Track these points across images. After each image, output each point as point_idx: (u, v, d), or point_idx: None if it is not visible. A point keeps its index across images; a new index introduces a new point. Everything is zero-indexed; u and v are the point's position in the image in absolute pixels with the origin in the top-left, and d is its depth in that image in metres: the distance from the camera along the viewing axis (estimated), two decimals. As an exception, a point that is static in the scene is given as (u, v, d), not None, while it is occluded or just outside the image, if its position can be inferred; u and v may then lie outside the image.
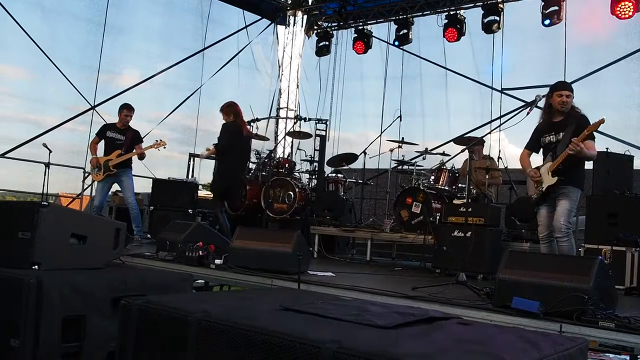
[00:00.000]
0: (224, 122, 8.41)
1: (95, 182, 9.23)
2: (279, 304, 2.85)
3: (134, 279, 4.00)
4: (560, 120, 6.02)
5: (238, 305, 2.92)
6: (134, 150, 8.99)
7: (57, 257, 3.94)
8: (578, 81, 10.65)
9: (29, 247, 3.80)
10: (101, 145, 9.22)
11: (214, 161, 9.07)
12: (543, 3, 10.84)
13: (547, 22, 10.82)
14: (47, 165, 9.35)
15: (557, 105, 5.99)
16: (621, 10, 9.84)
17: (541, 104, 6.20)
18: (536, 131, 6.27)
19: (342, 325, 2.48)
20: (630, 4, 9.74)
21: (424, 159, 9.71)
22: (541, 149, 6.28)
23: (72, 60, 11.82)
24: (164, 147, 9.10)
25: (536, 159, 6.38)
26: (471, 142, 7.46)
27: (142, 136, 9.68)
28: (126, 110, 9.16)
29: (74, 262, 4.05)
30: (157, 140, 9.07)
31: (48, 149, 9.29)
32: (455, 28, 12.15)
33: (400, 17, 13.16)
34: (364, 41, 13.80)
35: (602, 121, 5.58)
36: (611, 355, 3.89)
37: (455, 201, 8.35)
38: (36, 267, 3.76)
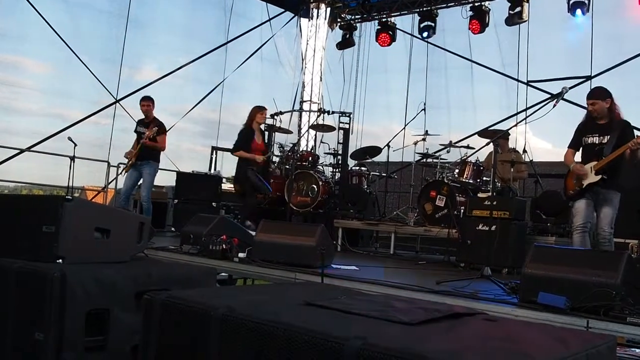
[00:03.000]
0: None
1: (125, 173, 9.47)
2: (302, 299, 2.83)
3: (158, 273, 4.00)
4: (605, 124, 6.07)
5: (261, 300, 2.90)
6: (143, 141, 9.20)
7: (81, 250, 3.96)
8: (605, 72, 10.51)
9: (53, 241, 3.81)
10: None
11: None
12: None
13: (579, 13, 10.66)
14: (72, 158, 9.43)
15: (590, 113, 6.12)
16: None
17: (568, 96, 6.20)
18: (579, 130, 6.34)
19: (367, 321, 2.45)
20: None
21: (448, 152, 9.65)
22: (581, 148, 6.33)
23: (95, 54, 11.93)
24: (154, 135, 9.20)
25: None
26: (496, 135, 7.38)
27: (166, 129, 9.74)
28: (142, 101, 9.52)
29: (98, 255, 4.06)
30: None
31: (73, 142, 9.36)
32: (479, 19, 12.03)
33: (425, 8, 13.06)
34: (388, 33, 13.70)
35: None
36: (638, 351, 3.81)
37: (480, 194, 8.29)
38: (60, 260, 3.77)
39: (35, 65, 12.20)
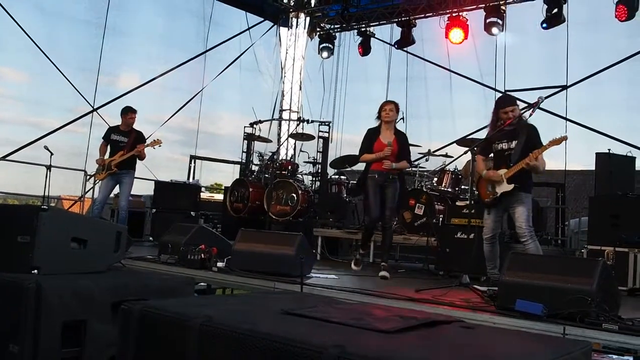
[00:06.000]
0: None
1: (99, 181, 9.29)
2: (281, 308, 2.82)
3: (135, 283, 3.97)
4: (513, 129, 6.08)
5: (240, 310, 2.89)
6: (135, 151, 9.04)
7: (57, 261, 3.92)
8: (580, 82, 10.63)
9: (28, 251, 3.77)
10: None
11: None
12: (546, 6, 10.82)
13: (544, 25, 10.85)
14: (49, 167, 9.32)
15: (504, 120, 6.08)
16: (619, 12, 9.85)
17: (544, 105, 6.24)
18: (488, 138, 6.36)
19: (345, 330, 2.45)
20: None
21: (427, 160, 9.69)
22: (491, 154, 6.37)
23: (72, 62, 11.82)
24: (159, 146, 9.18)
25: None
26: (474, 144, 7.44)
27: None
28: (130, 113, 9.27)
29: (74, 266, 4.02)
30: (154, 140, 9.13)
31: (49, 151, 9.26)
32: (457, 30, 12.10)
33: (403, 18, 13.12)
34: (366, 43, 13.77)
35: (564, 138, 5.74)
36: (614, 357, 3.87)
37: (458, 203, 8.33)
38: (36, 271, 3.73)
39: (11, 73, 12.09)
